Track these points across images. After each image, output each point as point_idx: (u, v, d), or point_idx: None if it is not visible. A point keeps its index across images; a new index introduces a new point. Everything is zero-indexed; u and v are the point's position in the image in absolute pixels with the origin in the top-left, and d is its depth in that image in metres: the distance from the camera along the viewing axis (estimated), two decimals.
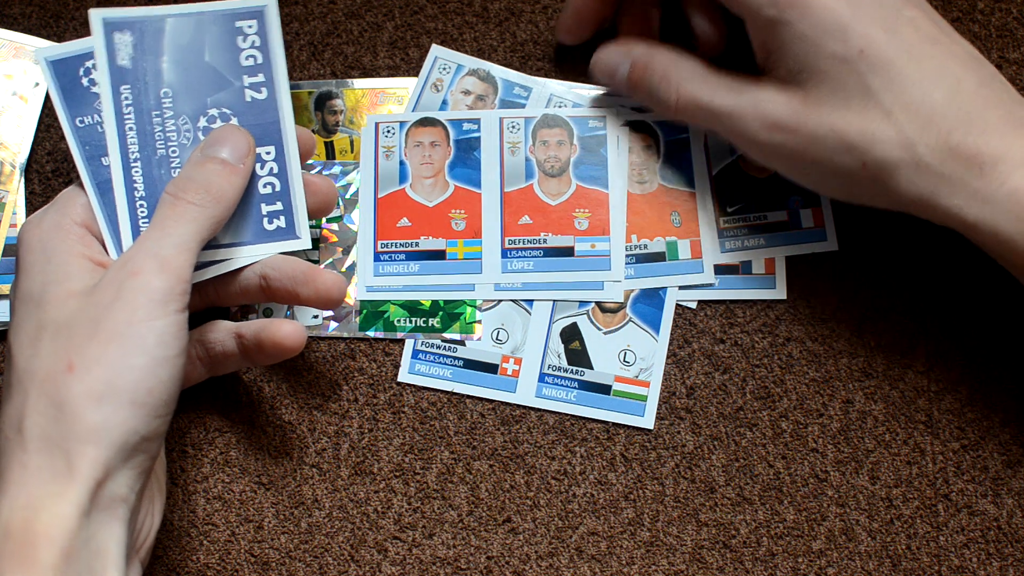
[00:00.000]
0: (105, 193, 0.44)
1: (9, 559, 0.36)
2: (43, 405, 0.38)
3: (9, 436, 0.38)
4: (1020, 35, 0.52)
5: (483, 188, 0.50)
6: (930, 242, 0.50)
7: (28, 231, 0.42)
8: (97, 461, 0.37)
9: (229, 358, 0.45)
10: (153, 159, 0.44)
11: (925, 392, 0.49)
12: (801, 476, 0.48)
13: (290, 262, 0.45)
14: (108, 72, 0.44)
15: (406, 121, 0.50)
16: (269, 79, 0.45)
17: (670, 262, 0.49)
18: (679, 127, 0.50)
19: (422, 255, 0.49)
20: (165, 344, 0.39)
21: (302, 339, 0.44)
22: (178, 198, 0.41)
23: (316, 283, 0.44)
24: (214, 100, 0.45)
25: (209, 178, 0.42)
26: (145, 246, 0.40)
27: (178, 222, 0.41)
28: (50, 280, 0.40)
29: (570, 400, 0.48)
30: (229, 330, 0.45)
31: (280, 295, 0.45)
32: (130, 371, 0.38)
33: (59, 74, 0.44)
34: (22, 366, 0.39)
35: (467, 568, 0.47)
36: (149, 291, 0.39)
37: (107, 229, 0.44)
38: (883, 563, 0.47)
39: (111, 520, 0.38)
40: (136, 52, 0.44)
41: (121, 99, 0.44)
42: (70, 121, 0.44)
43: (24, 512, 0.36)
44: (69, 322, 0.39)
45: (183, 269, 0.40)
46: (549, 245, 0.49)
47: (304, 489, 0.48)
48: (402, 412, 0.49)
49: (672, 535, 0.47)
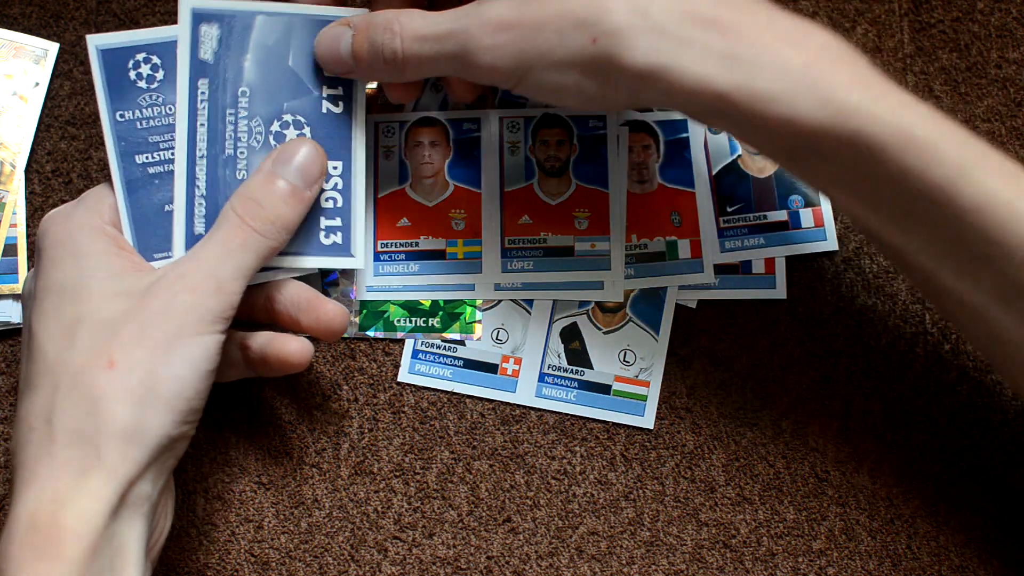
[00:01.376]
0: (133, 192, 0.44)
1: (34, 551, 0.36)
2: (76, 398, 0.38)
3: (35, 426, 0.38)
4: (1020, 35, 0.52)
5: (483, 188, 0.50)
6: None
7: (55, 225, 0.42)
8: (131, 460, 0.37)
9: (233, 367, 0.45)
10: (220, 158, 0.44)
11: (925, 392, 0.49)
12: (801, 476, 0.48)
13: (297, 288, 0.45)
14: (188, 65, 0.43)
15: (406, 121, 0.50)
16: (348, 94, 0.45)
17: (670, 262, 0.49)
18: (679, 127, 0.50)
19: (422, 255, 0.49)
20: (208, 359, 0.40)
21: (308, 356, 0.44)
22: (245, 223, 0.41)
23: (318, 312, 0.44)
24: (290, 106, 0.44)
25: (277, 206, 0.42)
26: (206, 265, 0.40)
27: (241, 249, 0.41)
28: (88, 275, 0.40)
29: (570, 400, 0.48)
30: (235, 339, 0.45)
31: (282, 319, 0.45)
32: (172, 380, 0.38)
33: (107, 64, 0.44)
34: (52, 357, 0.39)
35: (467, 568, 0.47)
36: (203, 310, 0.39)
37: (130, 229, 0.43)
38: (883, 563, 0.47)
39: (135, 518, 0.38)
40: (220, 47, 0.44)
41: (197, 93, 0.44)
42: (110, 114, 0.44)
43: (51, 505, 0.36)
44: (113, 320, 0.39)
45: (236, 295, 0.40)
46: (549, 245, 0.49)
47: (304, 489, 0.48)
48: (402, 412, 0.49)
49: (672, 535, 0.47)
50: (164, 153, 0.44)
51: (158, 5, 0.52)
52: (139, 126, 0.44)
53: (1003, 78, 0.51)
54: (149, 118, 0.44)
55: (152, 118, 0.44)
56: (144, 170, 0.44)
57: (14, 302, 0.49)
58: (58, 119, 0.51)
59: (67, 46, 0.52)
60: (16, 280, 0.49)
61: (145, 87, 0.44)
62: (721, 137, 0.50)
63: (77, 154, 0.51)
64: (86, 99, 0.51)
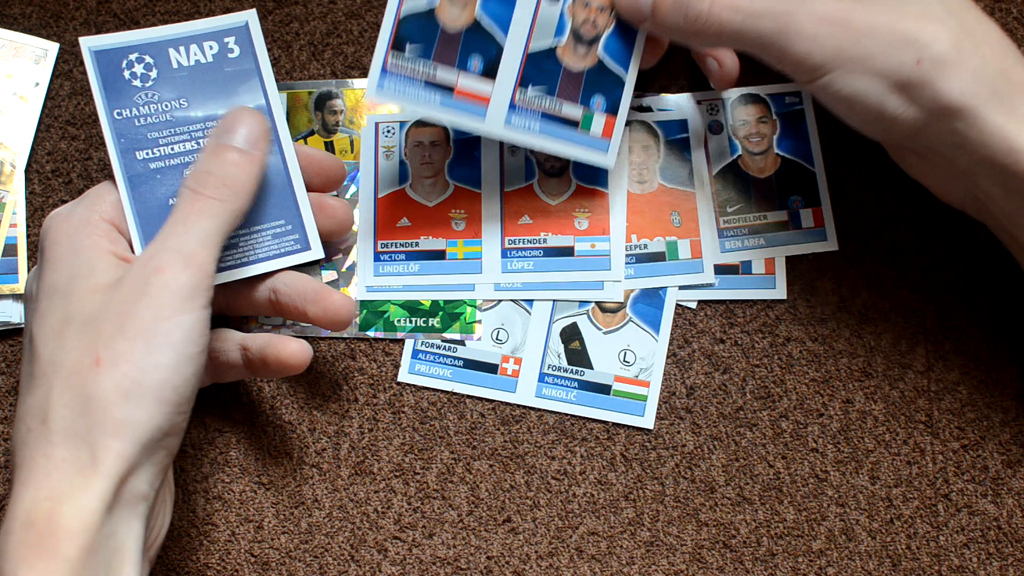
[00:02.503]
0: (136, 188, 0.44)
1: (30, 550, 0.36)
2: (68, 398, 0.38)
3: (32, 427, 0.38)
4: (1020, 35, 0.52)
5: (483, 188, 0.50)
6: (930, 243, 0.50)
7: (55, 225, 0.42)
8: (122, 456, 0.37)
9: (233, 368, 0.45)
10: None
11: (925, 392, 0.49)
12: (801, 476, 0.48)
13: (302, 279, 0.45)
14: None
15: (406, 121, 0.50)
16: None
17: (670, 262, 0.49)
18: (679, 128, 0.50)
19: (422, 255, 0.49)
20: (191, 340, 0.39)
21: (307, 357, 0.44)
22: (198, 193, 0.41)
23: (325, 302, 0.44)
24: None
25: (226, 169, 0.42)
26: (169, 242, 0.40)
27: (200, 217, 0.41)
28: (76, 274, 0.40)
29: (570, 400, 0.48)
30: (235, 341, 0.45)
31: (289, 311, 0.45)
32: (157, 369, 0.38)
33: (101, 65, 0.44)
34: (47, 357, 0.39)
35: (467, 568, 0.47)
36: (175, 287, 0.39)
37: (135, 225, 0.44)
38: (883, 563, 0.47)
39: (131, 516, 0.38)
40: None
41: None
42: (108, 113, 0.44)
43: (48, 504, 0.36)
44: (95, 316, 0.39)
45: (207, 264, 0.40)
46: (549, 245, 0.49)
47: (304, 489, 0.48)
48: (402, 412, 0.49)
49: (672, 535, 0.47)
50: (164, 148, 0.45)
51: (158, 5, 0.52)
52: (137, 123, 0.44)
53: None
54: (147, 115, 0.45)
55: (150, 115, 0.45)
56: (146, 165, 0.44)
57: (14, 302, 0.49)
58: (58, 119, 0.51)
59: (67, 46, 0.52)
60: (16, 280, 0.49)
61: (140, 85, 0.45)
62: (721, 137, 0.50)
63: (77, 154, 0.51)
64: (86, 99, 0.51)
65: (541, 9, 0.45)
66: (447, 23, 0.44)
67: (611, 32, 0.46)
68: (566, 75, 0.46)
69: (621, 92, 0.46)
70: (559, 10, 0.45)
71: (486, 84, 0.45)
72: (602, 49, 0.46)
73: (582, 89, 0.46)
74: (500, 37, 0.45)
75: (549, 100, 0.46)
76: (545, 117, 0.46)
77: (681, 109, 0.51)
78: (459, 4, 0.44)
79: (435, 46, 0.44)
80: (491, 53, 0.45)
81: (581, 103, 0.46)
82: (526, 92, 0.45)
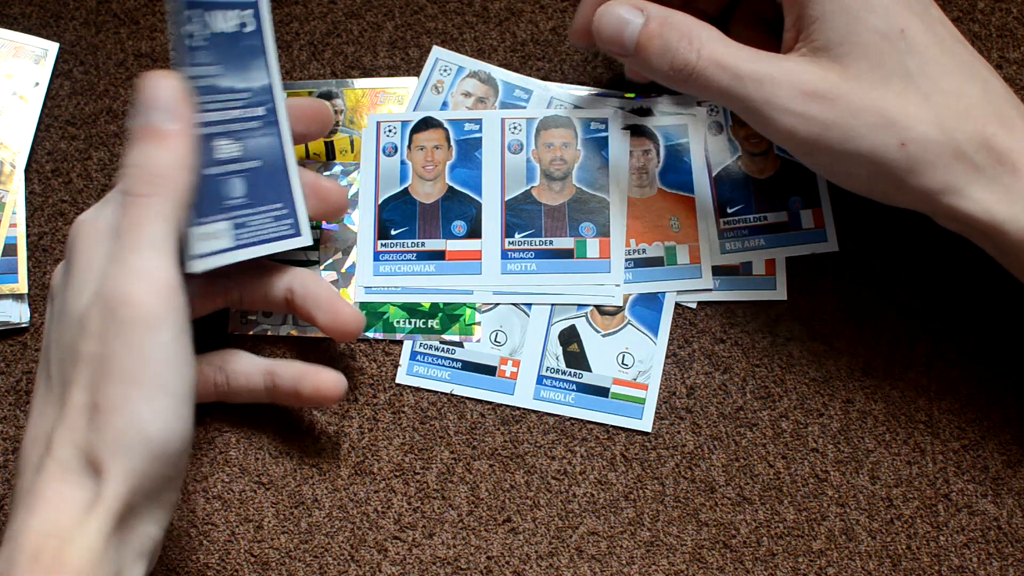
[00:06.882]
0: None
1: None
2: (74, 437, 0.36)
3: (40, 455, 0.37)
4: (1020, 35, 0.52)
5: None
6: (930, 243, 0.50)
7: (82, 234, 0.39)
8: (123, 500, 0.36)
9: (251, 392, 0.45)
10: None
11: (925, 392, 0.49)
12: (801, 476, 0.48)
13: (319, 285, 0.45)
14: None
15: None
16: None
17: (668, 267, 0.49)
18: (679, 133, 0.50)
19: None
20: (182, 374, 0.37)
21: (344, 388, 0.45)
22: (129, 195, 0.38)
23: (336, 313, 0.45)
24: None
25: (149, 157, 0.38)
26: (119, 269, 0.37)
27: (145, 223, 0.37)
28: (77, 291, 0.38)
29: (568, 403, 0.48)
30: (258, 366, 0.45)
31: (300, 313, 0.46)
32: (154, 418, 0.36)
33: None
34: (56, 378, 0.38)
35: (467, 568, 0.47)
36: (148, 318, 0.36)
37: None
38: (883, 563, 0.47)
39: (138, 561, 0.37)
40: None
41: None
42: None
43: (56, 541, 0.35)
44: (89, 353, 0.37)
45: (168, 272, 0.37)
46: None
47: (304, 489, 0.48)
48: (402, 412, 0.49)
49: (672, 535, 0.47)
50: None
51: (158, 5, 0.52)
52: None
53: (1004, 78, 0.51)
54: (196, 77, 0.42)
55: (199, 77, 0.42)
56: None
57: (14, 302, 0.49)
58: (58, 119, 0.51)
59: (67, 46, 0.52)
60: (16, 280, 0.49)
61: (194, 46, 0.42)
62: (722, 138, 0.50)
63: (77, 154, 0.51)
64: (86, 99, 0.51)
65: (507, 162, 0.48)
66: (423, 199, 0.49)
67: (581, 161, 0.49)
68: (548, 213, 0.49)
69: (608, 215, 0.49)
70: (524, 158, 0.48)
71: (474, 243, 0.48)
72: (576, 181, 0.49)
73: (567, 222, 0.49)
74: (475, 197, 0.49)
75: (539, 240, 0.48)
76: (540, 255, 0.48)
77: (681, 111, 0.51)
78: (429, 180, 0.49)
79: (417, 223, 0.49)
80: (471, 213, 0.49)
81: (571, 235, 0.49)
82: (514, 239, 0.48)
